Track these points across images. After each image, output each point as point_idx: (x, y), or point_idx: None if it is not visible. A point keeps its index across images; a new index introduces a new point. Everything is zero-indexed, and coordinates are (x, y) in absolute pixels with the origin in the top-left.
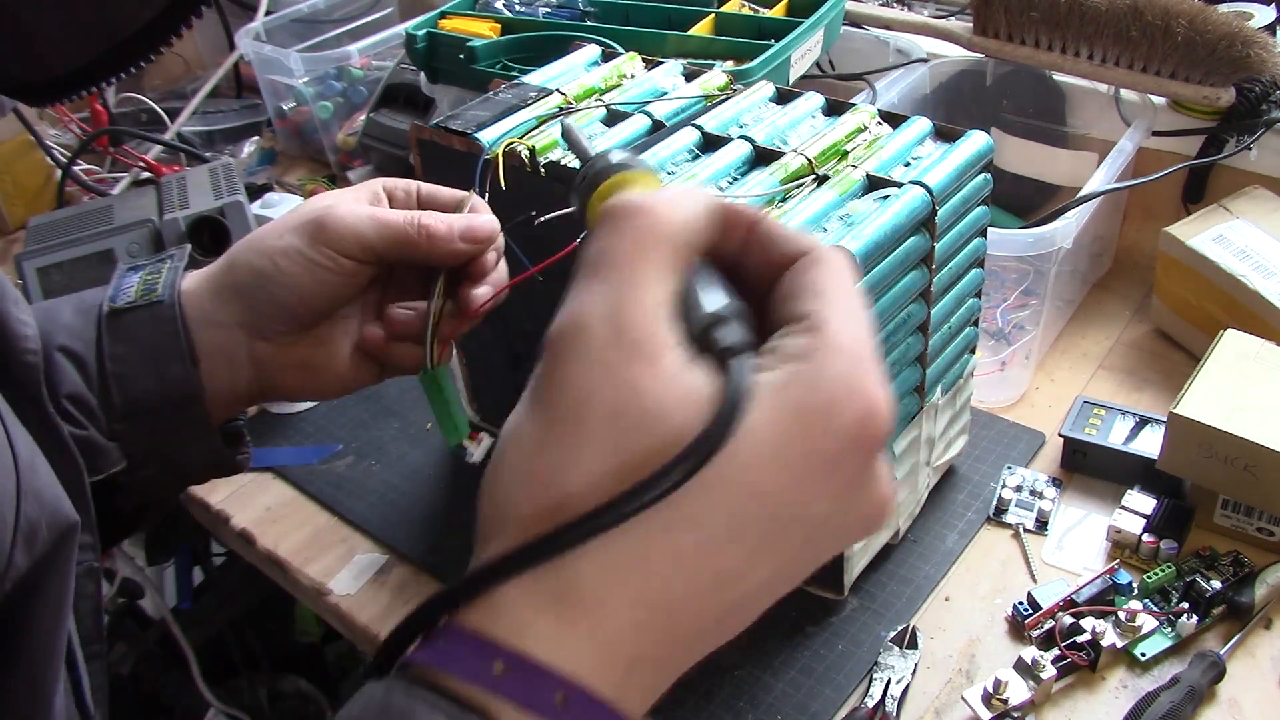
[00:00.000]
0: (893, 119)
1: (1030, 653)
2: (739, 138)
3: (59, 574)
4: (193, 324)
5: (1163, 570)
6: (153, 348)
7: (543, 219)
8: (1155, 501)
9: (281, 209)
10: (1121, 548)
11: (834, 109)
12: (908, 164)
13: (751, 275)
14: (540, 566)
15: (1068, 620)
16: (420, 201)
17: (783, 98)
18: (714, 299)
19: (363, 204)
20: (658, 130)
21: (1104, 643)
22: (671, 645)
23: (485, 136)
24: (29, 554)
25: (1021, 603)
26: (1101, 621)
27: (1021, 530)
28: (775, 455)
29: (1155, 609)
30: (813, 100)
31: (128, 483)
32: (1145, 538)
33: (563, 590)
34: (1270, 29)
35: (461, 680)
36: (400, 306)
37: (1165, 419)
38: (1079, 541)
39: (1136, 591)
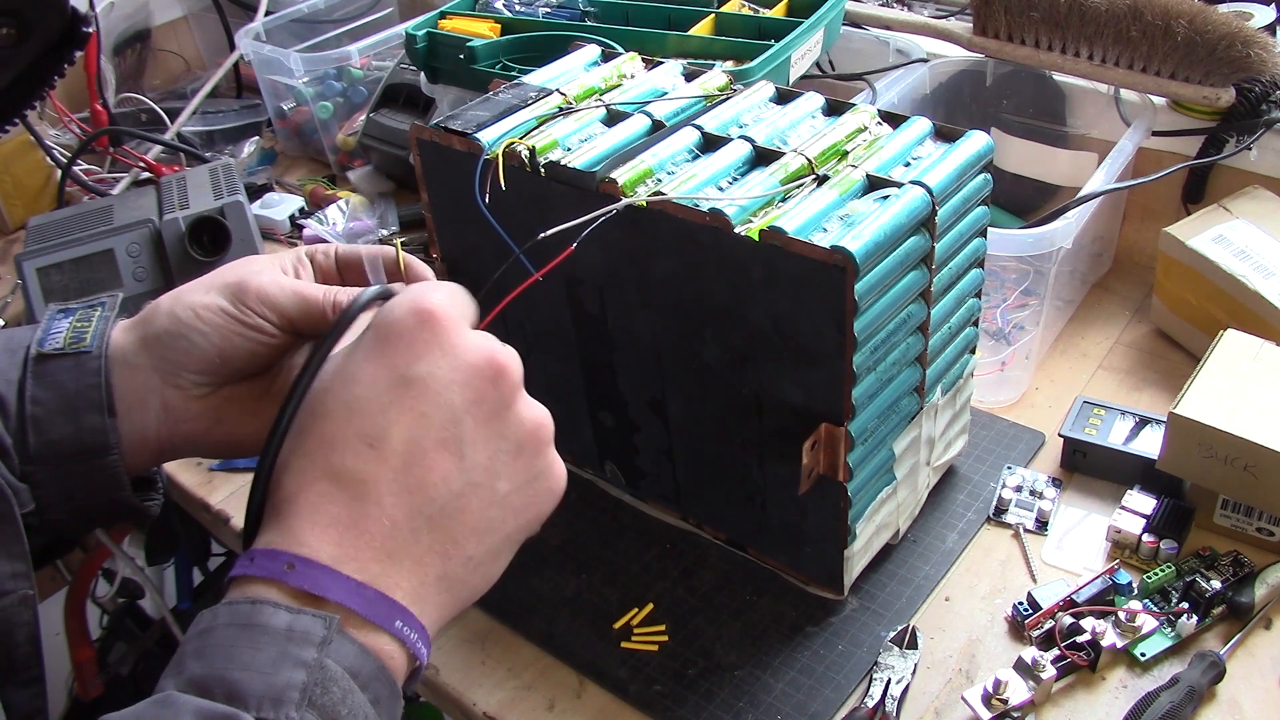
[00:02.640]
0: (893, 119)
1: (1030, 653)
2: (739, 138)
3: None
4: (112, 365)
5: (1163, 570)
6: (73, 395)
7: (546, 233)
8: (1155, 501)
9: (282, 209)
10: (1121, 548)
11: (834, 109)
12: (908, 164)
13: None
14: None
15: (1068, 620)
16: (339, 263)
17: (783, 98)
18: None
19: (288, 274)
20: (658, 130)
21: (1104, 643)
22: (371, 501)
23: (485, 136)
24: None
25: (1021, 603)
26: (1101, 621)
27: (1021, 530)
28: (359, 346)
29: (1155, 609)
30: (813, 100)
31: (36, 524)
32: (1145, 538)
33: (277, 501)
34: (1270, 29)
35: (240, 577)
36: None
37: (1165, 419)
38: (1079, 541)
39: (1136, 591)
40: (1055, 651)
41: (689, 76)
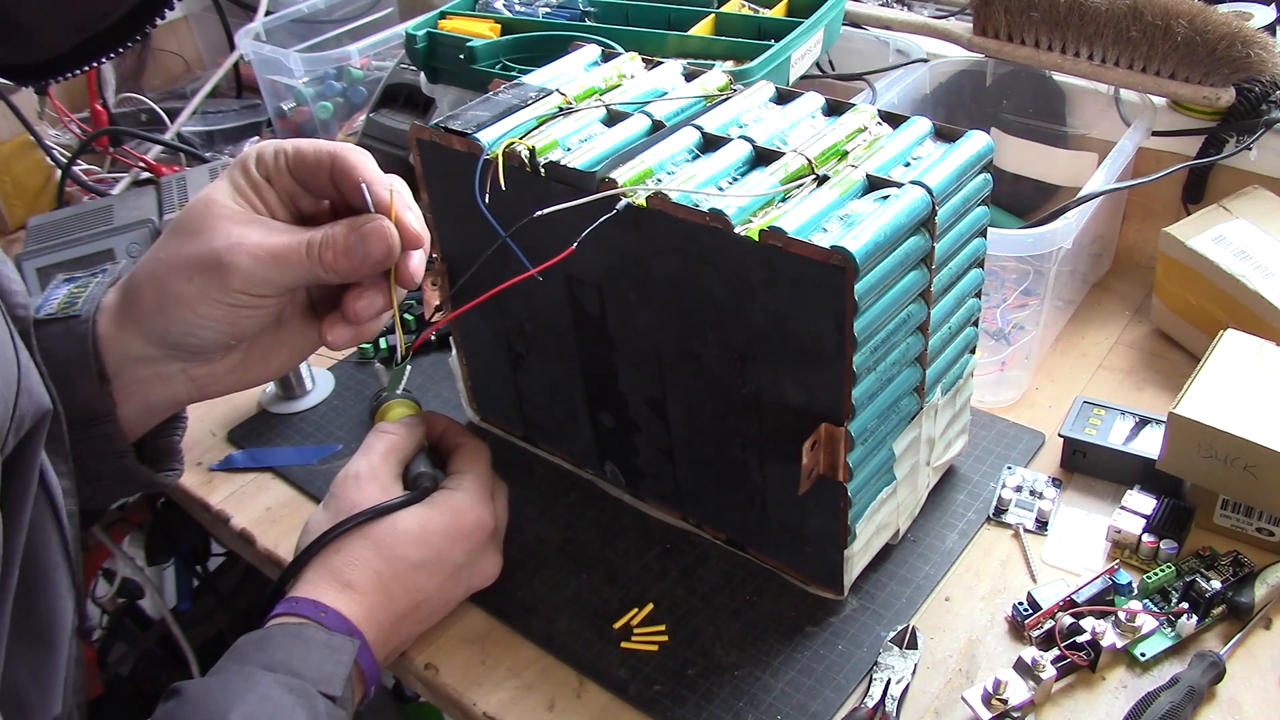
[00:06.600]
0: (893, 119)
1: (1030, 653)
2: (739, 138)
3: (32, 454)
4: (119, 361)
5: (1163, 570)
6: (65, 362)
7: (542, 212)
8: (1155, 501)
9: None
10: (1121, 548)
11: (834, 109)
12: (908, 164)
13: (444, 451)
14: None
15: (1068, 620)
16: (290, 168)
17: (783, 98)
18: (418, 467)
19: (248, 206)
20: (658, 130)
21: (1104, 643)
22: (386, 597)
23: (485, 137)
24: (15, 438)
25: (1021, 603)
26: (1101, 621)
27: (1021, 530)
28: (419, 531)
29: (1155, 609)
30: (813, 100)
31: None
32: (1145, 538)
33: (326, 571)
34: (1270, 29)
35: (284, 616)
36: (356, 299)
37: (1165, 419)
38: (1079, 541)
39: (1136, 591)
40: (1055, 651)
41: (689, 76)
